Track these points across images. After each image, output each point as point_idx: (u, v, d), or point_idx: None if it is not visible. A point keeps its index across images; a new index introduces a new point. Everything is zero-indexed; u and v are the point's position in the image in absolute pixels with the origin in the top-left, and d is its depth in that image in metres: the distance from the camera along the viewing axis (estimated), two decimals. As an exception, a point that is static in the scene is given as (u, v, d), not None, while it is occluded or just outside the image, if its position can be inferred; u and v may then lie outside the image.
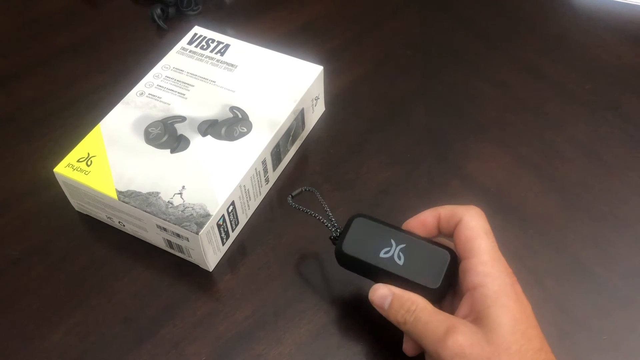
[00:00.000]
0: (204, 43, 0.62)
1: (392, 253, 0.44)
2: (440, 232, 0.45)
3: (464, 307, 0.41)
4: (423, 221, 0.45)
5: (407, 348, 0.45)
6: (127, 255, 0.53)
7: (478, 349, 0.38)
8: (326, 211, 0.48)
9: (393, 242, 0.44)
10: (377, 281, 0.44)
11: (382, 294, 0.43)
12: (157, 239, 0.52)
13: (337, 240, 0.46)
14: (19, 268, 0.53)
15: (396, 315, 0.42)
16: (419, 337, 0.41)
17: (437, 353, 0.39)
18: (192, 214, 0.49)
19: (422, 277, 0.43)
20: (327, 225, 0.47)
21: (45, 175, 0.55)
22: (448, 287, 0.43)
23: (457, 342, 0.38)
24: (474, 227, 0.42)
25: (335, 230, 0.47)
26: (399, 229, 0.45)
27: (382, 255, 0.44)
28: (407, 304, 0.41)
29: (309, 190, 0.49)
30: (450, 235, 0.44)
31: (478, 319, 0.39)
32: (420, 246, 0.44)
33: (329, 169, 0.59)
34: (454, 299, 0.44)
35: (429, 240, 0.45)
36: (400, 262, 0.43)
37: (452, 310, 0.42)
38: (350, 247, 0.45)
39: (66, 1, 0.77)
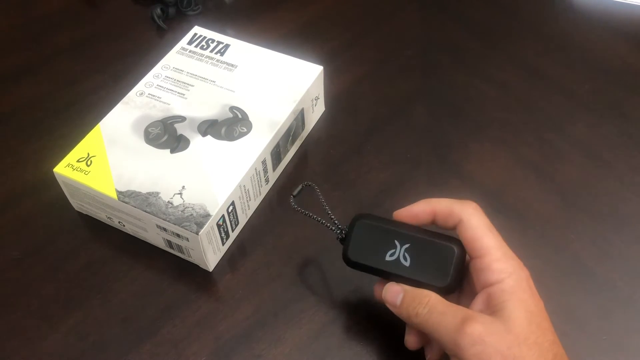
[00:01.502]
0: (203, 43, 0.62)
1: (398, 255, 0.43)
2: (436, 225, 0.45)
3: (478, 302, 0.41)
4: (415, 215, 0.44)
5: (410, 341, 0.45)
6: (127, 255, 0.53)
7: (497, 337, 0.38)
8: (327, 212, 0.47)
9: (397, 243, 0.44)
10: (387, 281, 0.44)
11: (394, 290, 0.43)
12: (157, 239, 0.52)
13: (344, 241, 0.45)
14: (19, 268, 0.53)
15: (408, 310, 0.42)
16: (433, 328, 0.40)
17: (454, 342, 0.38)
18: (192, 214, 0.49)
19: (430, 275, 0.42)
20: (332, 229, 0.46)
21: (45, 175, 0.55)
22: (458, 281, 0.43)
23: (476, 330, 0.38)
24: (477, 225, 0.42)
25: (341, 232, 0.46)
26: (401, 225, 0.45)
27: (387, 258, 0.43)
28: (420, 296, 0.41)
29: (309, 185, 0.48)
30: (448, 230, 0.44)
31: (494, 312, 0.39)
32: (425, 244, 0.43)
33: (329, 169, 0.59)
34: (465, 297, 0.44)
35: (433, 235, 0.44)
36: (407, 264, 0.43)
37: (465, 307, 0.42)
38: (355, 253, 0.45)
39: (66, 1, 0.77)
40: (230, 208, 0.51)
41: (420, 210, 0.44)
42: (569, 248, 0.53)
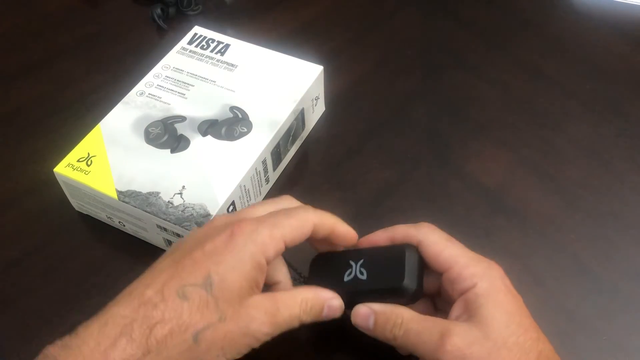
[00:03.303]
0: (204, 43, 0.62)
1: (354, 272, 0.43)
2: None
3: (455, 310, 0.40)
4: (375, 242, 0.45)
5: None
6: (127, 255, 0.53)
7: (477, 347, 0.37)
8: (292, 267, 0.47)
9: (352, 262, 0.43)
10: (353, 305, 0.43)
11: (363, 314, 0.42)
12: (157, 239, 0.52)
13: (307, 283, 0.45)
14: (19, 268, 0.53)
15: (384, 332, 0.41)
16: (413, 348, 0.40)
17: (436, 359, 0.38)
18: (192, 214, 0.49)
19: (387, 280, 0.42)
20: (295, 278, 0.46)
21: (45, 175, 0.55)
22: (414, 280, 0.41)
23: (455, 344, 0.37)
24: (436, 241, 0.42)
25: (303, 279, 0.47)
26: (356, 249, 0.45)
27: (346, 279, 0.43)
28: (392, 318, 0.40)
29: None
30: None
31: (471, 316, 0.39)
32: (377, 254, 0.43)
33: (329, 169, 0.59)
34: (444, 307, 0.43)
35: (385, 246, 0.44)
36: (364, 277, 0.42)
37: (444, 317, 0.42)
38: (314, 283, 0.44)
39: (66, 1, 0.77)
40: (231, 208, 0.51)
41: (379, 237, 0.45)
42: (569, 248, 0.53)
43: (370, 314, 0.41)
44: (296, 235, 0.40)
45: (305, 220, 0.41)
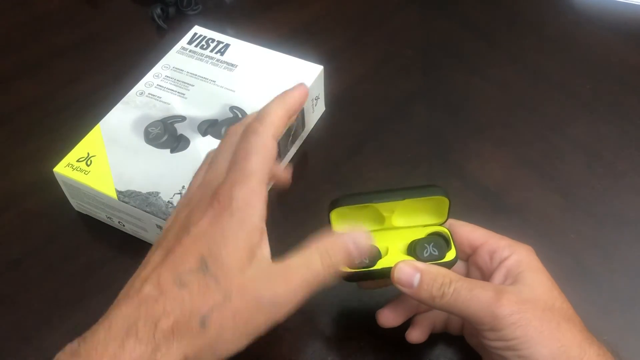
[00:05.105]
0: (204, 43, 0.62)
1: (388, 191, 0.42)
2: None
3: (498, 277, 0.42)
4: None
5: (415, 335, 0.45)
6: (127, 255, 0.53)
7: (531, 304, 0.39)
8: None
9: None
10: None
11: (408, 272, 0.40)
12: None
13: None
14: (19, 268, 0.53)
15: (430, 291, 0.40)
16: (464, 305, 0.39)
17: (492, 315, 0.38)
18: (192, 214, 0.49)
19: (428, 192, 0.42)
20: None
21: (45, 175, 0.55)
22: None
23: (511, 300, 0.38)
24: (464, 224, 0.45)
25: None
26: None
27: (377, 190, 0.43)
28: (440, 278, 0.40)
29: None
30: None
31: (516, 281, 0.40)
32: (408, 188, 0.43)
33: (329, 169, 0.59)
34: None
35: None
36: (399, 190, 0.42)
37: None
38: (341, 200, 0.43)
39: (66, 1, 0.77)
40: (230, 208, 0.51)
41: None
42: (569, 248, 0.53)
43: (414, 272, 0.40)
44: (268, 169, 0.38)
45: (265, 145, 0.38)
